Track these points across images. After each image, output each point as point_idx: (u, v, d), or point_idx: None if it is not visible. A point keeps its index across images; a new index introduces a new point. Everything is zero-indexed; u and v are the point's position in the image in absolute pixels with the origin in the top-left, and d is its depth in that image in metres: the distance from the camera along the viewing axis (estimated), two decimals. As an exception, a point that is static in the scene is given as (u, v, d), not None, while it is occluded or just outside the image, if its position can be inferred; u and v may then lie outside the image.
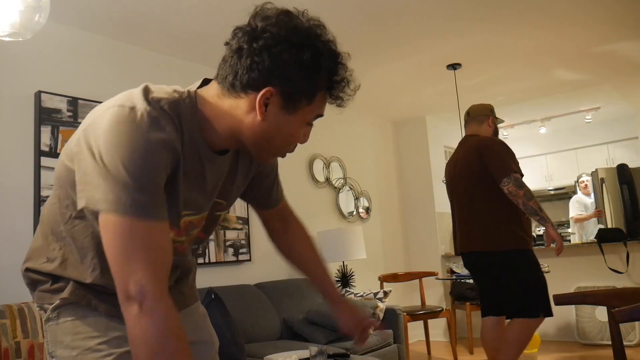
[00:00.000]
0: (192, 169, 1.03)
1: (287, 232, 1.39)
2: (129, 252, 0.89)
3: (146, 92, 0.98)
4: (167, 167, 0.95)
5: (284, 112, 0.98)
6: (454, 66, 4.40)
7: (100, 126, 0.93)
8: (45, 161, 2.89)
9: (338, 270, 4.47)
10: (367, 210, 5.38)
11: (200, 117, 1.02)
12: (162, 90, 1.00)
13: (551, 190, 7.49)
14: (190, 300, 1.29)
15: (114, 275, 0.90)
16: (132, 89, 1.02)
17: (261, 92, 0.95)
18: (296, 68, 0.94)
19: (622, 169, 5.24)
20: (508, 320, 2.98)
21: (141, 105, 0.94)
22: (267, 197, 1.33)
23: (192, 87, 1.06)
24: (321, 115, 1.05)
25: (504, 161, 2.86)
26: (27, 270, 1.13)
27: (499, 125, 3.29)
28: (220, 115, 1.02)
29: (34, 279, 1.12)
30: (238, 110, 1.00)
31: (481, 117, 3.19)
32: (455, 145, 3.39)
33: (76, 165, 0.96)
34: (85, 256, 1.05)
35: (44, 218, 1.13)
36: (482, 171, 2.92)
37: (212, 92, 1.03)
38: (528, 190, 2.82)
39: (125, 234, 0.89)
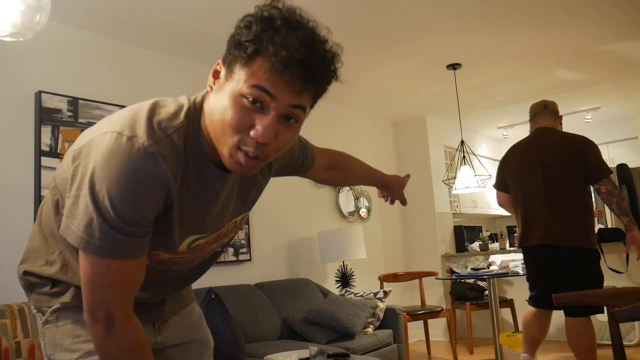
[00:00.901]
0: (199, 197, 0.99)
1: (337, 174, 1.50)
2: (99, 283, 0.92)
3: (151, 117, 0.92)
4: (158, 204, 0.92)
5: (224, 81, 0.91)
6: (454, 66, 4.40)
7: (94, 152, 0.89)
8: (45, 161, 2.89)
9: (338, 270, 4.47)
10: (367, 210, 5.38)
11: (204, 134, 0.96)
12: (170, 113, 0.95)
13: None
14: (187, 301, 1.31)
15: (84, 295, 0.94)
16: (140, 104, 0.97)
17: (214, 66, 0.94)
18: (235, 33, 0.89)
19: (621, 169, 5.23)
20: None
21: (142, 137, 0.88)
22: (301, 170, 1.35)
23: (199, 97, 1.00)
24: (272, 95, 0.86)
25: (603, 162, 2.96)
26: (25, 273, 1.12)
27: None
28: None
29: (33, 282, 1.11)
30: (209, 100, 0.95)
31: (556, 112, 3.25)
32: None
33: (68, 187, 0.93)
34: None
35: (43, 220, 1.10)
36: (577, 168, 2.95)
37: (208, 95, 0.97)
38: (621, 191, 2.94)
39: (96, 271, 0.91)
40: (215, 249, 1.16)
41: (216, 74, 0.93)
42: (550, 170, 3.01)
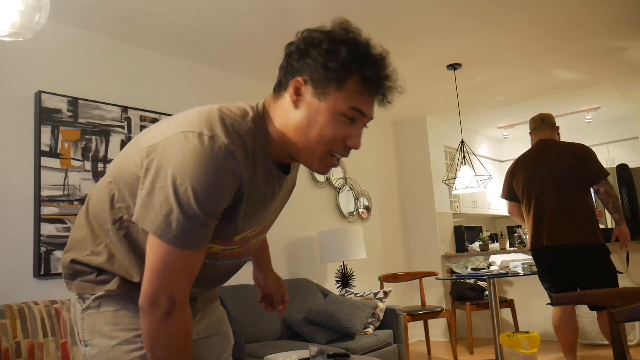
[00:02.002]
0: (262, 193, 1.10)
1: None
2: (168, 270, 0.99)
3: (223, 120, 1.02)
4: (230, 198, 1.02)
5: (315, 99, 1.03)
6: (454, 66, 4.40)
7: (173, 149, 0.98)
8: (45, 161, 2.89)
9: (338, 270, 4.47)
10: (368, 210, 5.38)
11: (267, 137, 1.09)
12: (237, 116, 1.05)
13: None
14: (214, 297, 1.39)
15: (146, 282, 1.00)
16: (204, 107, 1.06)
17: (293, 82, 1.05)
18: (320, 56, 1.02)
19: (621, 169, 5.24)
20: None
21: (221, 137, 0.99)
22: None
23: (260, 104, 1.12)
24: (363, 114, 1.05)
25: (602, 166, 3.32)
26: (73, 261, 1.16)
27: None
28: (273, 123, 1.09)
29: (78, 270, 1.16)
30: (282, 109, 1.08)
31: (553, 125, 3.57)
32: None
33: (142, 180, 1.01)
34: (132, 257, 1.11)
35: (91, 212, 1.16)
36: (583, 173, 3.28)
37: (269, 103, 1.11)
38: (615, 192, 3.34)
39: (168, 258, 0.99)
40: (253, 246, 1.24)
41: (298, 91, 1.05)
42: (558, 176, 3.31)
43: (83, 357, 1.16)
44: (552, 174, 3.33)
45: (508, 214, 3.77)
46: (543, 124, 3.56)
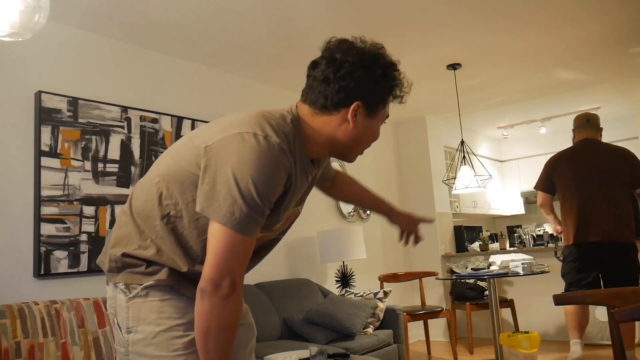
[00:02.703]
0: (299, 185, 1.27)
1: (334, 185, 1.73)
2: (232, 255, 1.12)
3: (270, 121, 1.18)
4: (282, 189, 1.18)
5: (367, 118, 1.27)
6: (454, 66, 4.40)
7: (235, 146, 1.12)
8: (45, 161, 2.89)
9: (338, 270, 4.47)
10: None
11: (303, 136, 1.25)
12: (278, 119, 1.21)
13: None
14: None
15: (211, 266, 1.11)
16: (248, 112, 1.23)
17: (352, 107, 1.23)
18: (372, 83, 1.24)
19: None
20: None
21: (273, 136, 1.15)
22: (324, 179, 1.67)
23: (294, 109, 1.28)
24: (388, 116, 1.34)
25: None
26: (124, 255, 1.25)
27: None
28: (317, 130, 1.26)
29: (128, 262, 1.24)
30: (331, 124, 1.26)
31: (597, 126, 3.71)
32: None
33: (202, 176, 1.14)
34: (178, 250, 1.22)
35: (135, 211, 1.27)
36: (625, 174, 3.48)
37: (304, 112, 1.27)
38: None
39: (232, 244, 1.11)
40: (278, 230, 1.37)
41: (354, 113, 1.25)
42: (605, 175, 3.48)
43: (125, 343, 1.24)
44: (597, 172, 3.49)
45: (539, 206, 3.85)
46: (588, 124, 3.68)
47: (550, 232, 5.90)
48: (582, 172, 3.54)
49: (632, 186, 3.48)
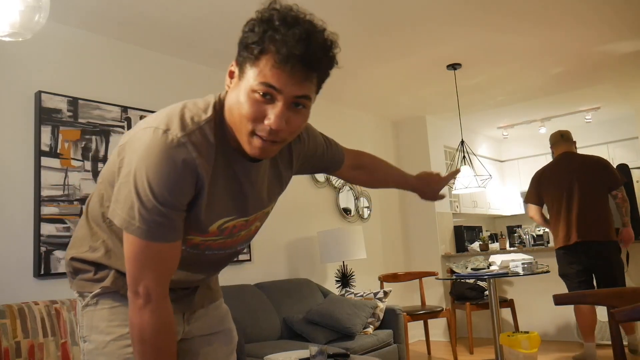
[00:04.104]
0: (228, 181, 1.11)
1: (363, 174, 1.56)
2: (140, 262, 1.04)
3: (182, 113, 1.05)
4: (191, 188, 1.04)
5: (238, 81, 1.03)
6: (454, 66, 4.40)
7: (136, 145, 1.03)
8: (45, 161, 2.89)
9: (338, 270, 4.47)
10: (368, 210, 5.38)
11: (227, 127, 1.08)
12: (199, 107, 1.08)
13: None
14: (216, 296, 1.41)
15: (127, 274, 1.05)
16: (174, 105, 1.10)
17: (229, 68, 1.07)
18: (242, 37, 1.02)
19: (621, 169, 5.24)
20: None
21: (174, 130, 1.01)
22: (329, 166, 1.47)
23: (223, 94, 1.12)
24: (277, 89, 0.97)
25: (619, 174, 3.90)
26: (72, 259, 1.22)
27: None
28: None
29: (77, 267, 1.21)
30: (227, 98, 1.08)
31: (571, 140, 4.11)
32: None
33: (116, 177, 1.07)
34: (122, 251, 1.14)
35: (89, 212, 1.23)
36: (604, 181, 3.84)
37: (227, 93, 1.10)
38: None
39: (137, 250, 1.04)
40: (244, 237, 1.26)
41: (232, 74, 1.06)
42: (583, 183, 3.83)
43: (82, 353, 1.20)
44: (578, 181, 3.85)
45: (530, 217, 4.22)
46: (562, 139, 4.09)
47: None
48: (565, 183, 3.90)
49: (609, 188, 3.83)
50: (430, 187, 1.65)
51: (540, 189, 4.06)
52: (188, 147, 1.01)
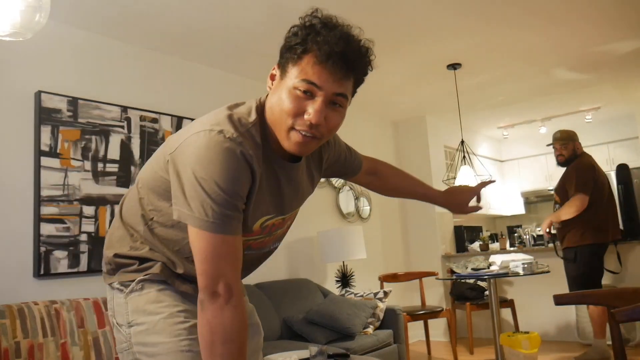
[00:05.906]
0: (269, 180, 1.18)
1: (377, 179, 1.63)
2: (219, 258, 1.07)
3: (230, 116, 1.11)
4: (248, 182, 1.10)
5: (280, 80, 1.12)
6: (454, 66, 4.40)
7: (190, 150, 1.07)
8: (45, 161, 2.89)
9: (338, 270, 4.47)
10: (367, 210, 5.38)
11: (269, 129, 1.15)
12: (243, 111, 1.14)
13: (551, 190, 7.48)
14: (243, 293, 1.45)
15: (201, 274, 1.07)
16: (216, 110, 1.15)
17: (271, 72, 1.16)
18: (284, 41, 1.12)
19: (621, 169, 5.23)
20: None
21: (229, 130, 1.07)
22: (348, 172, 1.55)
23: (263, 97, 1.19)
24: (317, 86, 1.07)
25: None
26: (116, 255, 1.26)
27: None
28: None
29: (121, 262, 1.25)
30: (267, 100, 1.16)
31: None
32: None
33: (172, 184, 1.11)
34: (167, 251, 1.22)
35: (124, 216, 1.29)
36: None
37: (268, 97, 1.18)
38: None
39: (213, 246, 1.07)
40: (279, 236, 1.33)
41: (273, 77, 1.15)
42: (608, 186, 4.07)
43: (123, 341, 1.22)
44: (607, 184, 4.08)
45: (582, 210, 3.89)
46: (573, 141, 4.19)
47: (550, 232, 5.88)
48: (605, 179, 4.08)
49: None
50: (456, 198, 1.68)
51: (597, 180, 4.03)
52: (244, 145, 1.07)
